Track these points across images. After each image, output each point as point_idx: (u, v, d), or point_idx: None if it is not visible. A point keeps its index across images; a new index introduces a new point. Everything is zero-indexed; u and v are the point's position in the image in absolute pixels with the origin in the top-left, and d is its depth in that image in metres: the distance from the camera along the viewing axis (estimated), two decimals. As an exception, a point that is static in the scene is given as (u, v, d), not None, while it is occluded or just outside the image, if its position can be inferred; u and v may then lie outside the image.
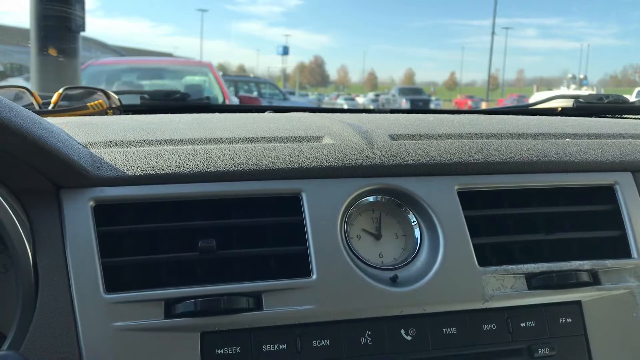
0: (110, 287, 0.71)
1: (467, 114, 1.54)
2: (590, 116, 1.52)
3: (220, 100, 5.87)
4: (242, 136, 0.88)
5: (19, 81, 5.92)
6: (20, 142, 0.66)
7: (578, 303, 0.83)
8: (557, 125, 1.10)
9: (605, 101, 1.56)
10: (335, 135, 0.90)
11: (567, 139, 0.98)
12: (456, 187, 0.85)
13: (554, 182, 0.90)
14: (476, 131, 0.98)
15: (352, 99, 39.17)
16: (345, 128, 0.94)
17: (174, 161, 0.79)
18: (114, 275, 0.72)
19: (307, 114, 1.22)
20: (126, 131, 0.88)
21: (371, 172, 0.84)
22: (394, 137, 0.91)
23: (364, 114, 1.31)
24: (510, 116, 1.44)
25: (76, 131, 0.86)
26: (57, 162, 0.71)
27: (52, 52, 2.98)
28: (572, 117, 1.47)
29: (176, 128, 0.93)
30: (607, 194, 0.91)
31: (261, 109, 1.44)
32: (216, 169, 0.79)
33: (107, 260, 0.72)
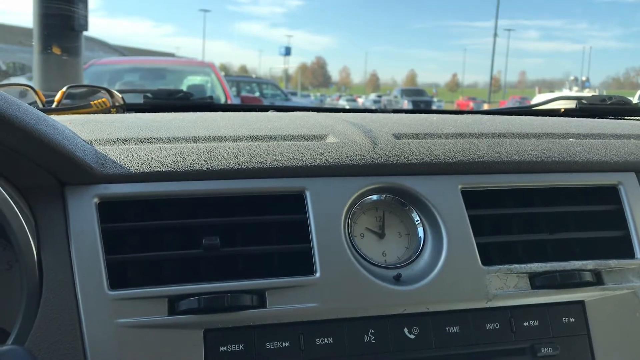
0: (114, 284, 0.71)
1: (470, 115, 1.54)
2: (593, 117, 1.52)
3: (223, 100, 5.87)
4: (246, 134, 0.88)
5: (21, 80, 5.93)
6: (25, 138, 0.66)
7: (581, 303, 0.83)
8: (560, 125, 1.09)
9: (608, 102, 1.56)
10: (338, 134, 0.90)
11: (571, 139, 0.98)
12: (460, 187, 0.85)
13: (557, 181, 0.90)
14: (480, 131, 0.98)
15: (354, 100, 39.29)
16: (348, 127, 0.94)
17: (178, 159, 0.79)
18: (118, 272, 0.72)
19: (310, 113, 1.22)
20: (130, 129, 0.88)
21: (375, 171, 0.84)
22: (397, 136, 0.91)
23: (367, 114, 1.31)
24: (514, 116, 1.44)
25: (80, 128, 0.86)
26: (62, 159, 0.71)
27: (56, 50, 2.98)
28: (576, 118, 1.47)
29: (180, 126, 0.93)
30: (611, 194, 0.91)
31: (264, 108, 1.44)
32: (220, 167, 0.79)
33: (111, 257, 0.72)
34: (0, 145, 0.67)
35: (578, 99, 1.61)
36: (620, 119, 1.53)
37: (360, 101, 38.74)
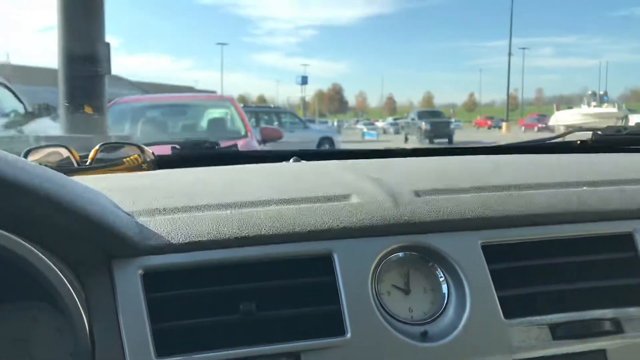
0: (160, 351, 0.76)
1: (485, 154, 1.58)
2: (610, 150, 1.54)
3: (243, 132, 5.96)
4: (275, 198, 0.93)
5: (46, 122, 6.08)
6: (75, 219, 0.72)
7: (603, 352, 0.85)
8: (575, 169, 1.13)
9: (624, 133, 1.59)
10: (361, 194, 0.95)
11: (585, 187, 1.01)
12: (480, 242, 0.89)
13: (573, 232, 0.93)
14: (497, 183, 1.02)
15: (372, 124, 39.62)
16: (370, 185, 0.99)
17: (214, 227, 0.84)
18: (163, 339, 0.77)
19: (332, 166, 1.27)
20: (167, 197, 0.94)
21: (398, 230, 0.88)
22: (418, 193, 0.95)
23: (386, 160, 1.36)
24: (530, 156, 1.47)
25: (120, 198, 0.92)
26: (110, 236, 0.76)
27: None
28: (591, 154, 1.50)
29: (212, 190, 0.99)
30: (627, 241, 0.94)
31: (286, 155, 1.50)
32: (253, 234, 0.84)
33: (157, 326, 0.77)
34: (54, 226, 0.73)
35: (593, 130, 1.64)
36: (635, 148, 1.56)
37: (380, 125, 39.10)
